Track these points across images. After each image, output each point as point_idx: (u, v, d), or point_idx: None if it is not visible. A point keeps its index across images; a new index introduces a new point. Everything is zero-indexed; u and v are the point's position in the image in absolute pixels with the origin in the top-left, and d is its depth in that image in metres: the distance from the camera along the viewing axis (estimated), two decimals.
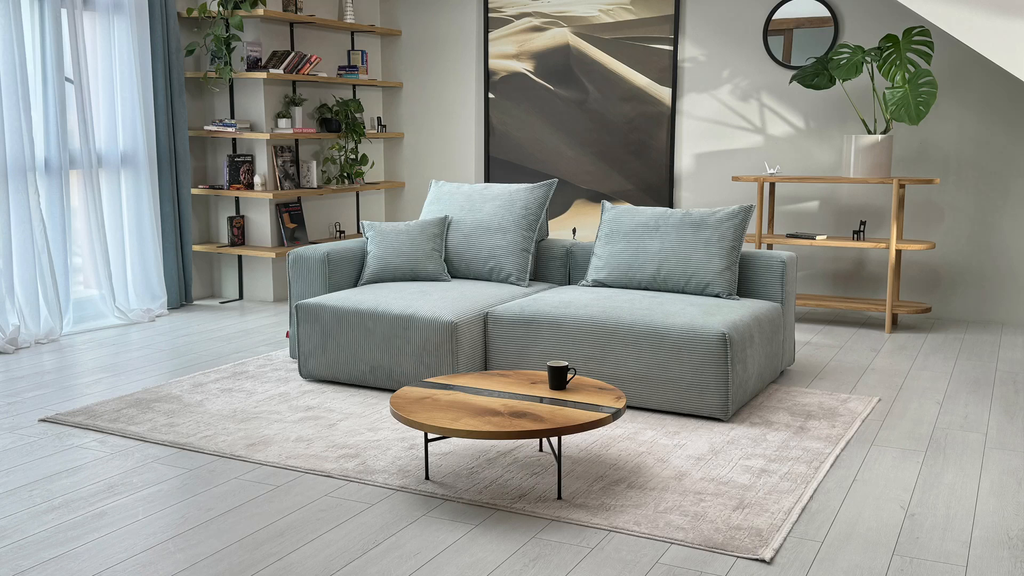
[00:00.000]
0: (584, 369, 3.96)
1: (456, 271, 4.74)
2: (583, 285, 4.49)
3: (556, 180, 4.82)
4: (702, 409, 3.77)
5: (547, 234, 4.89)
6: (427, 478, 3.13)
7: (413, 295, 4.27)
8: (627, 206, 4.51)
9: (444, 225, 4.71)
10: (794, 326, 4.48)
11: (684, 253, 4.27)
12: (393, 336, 4.12)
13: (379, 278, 4.61)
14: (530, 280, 4.80)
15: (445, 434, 2.86)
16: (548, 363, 3.28)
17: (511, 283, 4.62)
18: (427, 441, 3.12)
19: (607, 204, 4.56)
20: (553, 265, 4.80)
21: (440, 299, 4.20)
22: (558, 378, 3.25)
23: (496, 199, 4.74)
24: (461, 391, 3.22)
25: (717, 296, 4.21)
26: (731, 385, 3.73)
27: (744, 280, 4.37)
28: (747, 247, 4.89)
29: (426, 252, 4.57)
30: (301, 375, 4.35)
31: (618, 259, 4.38)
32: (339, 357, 4.23)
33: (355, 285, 4.68)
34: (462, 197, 4.82)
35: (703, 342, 3.73)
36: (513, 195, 4.73)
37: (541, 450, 3.39)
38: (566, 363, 3.36)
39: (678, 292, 4.29)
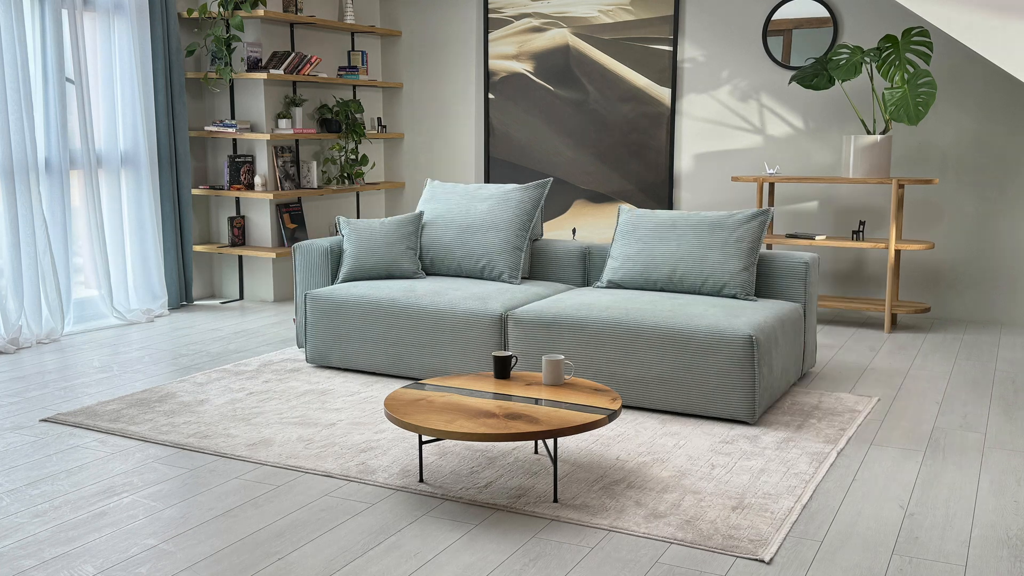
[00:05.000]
0: (607, 371, 3.92)
1: (448, 269, 4.76)
2: (598, 286, 4.48)
3: (551, 179, 4.82)
4: (729, 412, 3.73)
5: (541, 234, 4.89)
6: (422, 480, 3.13)
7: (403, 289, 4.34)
8: (644, 210, 4.51)
9: (419, 223, 4.74)
10: (816, 328, 4.46)
11: (700, 254, 4.25)
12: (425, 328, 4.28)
13: (354, 277, 4.66)
14: (545, 280, 4.81)
15: (439, 436, 2.86)
16: (493, 353, 3.33)
17: (503, 280, 4.63)
18: (421, 443, 3.11)
19: (624, 208, 4.56)
20: (570, 265, 4.78)
21: (461, 294, 4.31)
22: (502, 368, 3.31)
23: (491, 198, 4.76)
24: (457, 393, 3.22)
25: (734, 297, 4.19)
26: (758, 388, 3.69)
27: (766, 281, 4.33)
28: (770, 248, 4.80)
29: (400, 251, 4.60)
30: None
31: (634, 260, 4.37)
32: (354, 347, 4.42)
33: (332, 283, 4.73)
34: (457, 196, 4.85)
35: (729, 344, 3.69)
36: (508, 194, 4.75)
37: (536, 452, 3.40)
38: (510, 353, 3.36)
39: (694, 293, 4.27)
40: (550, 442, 3.47)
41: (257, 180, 6.14)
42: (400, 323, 4.32)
